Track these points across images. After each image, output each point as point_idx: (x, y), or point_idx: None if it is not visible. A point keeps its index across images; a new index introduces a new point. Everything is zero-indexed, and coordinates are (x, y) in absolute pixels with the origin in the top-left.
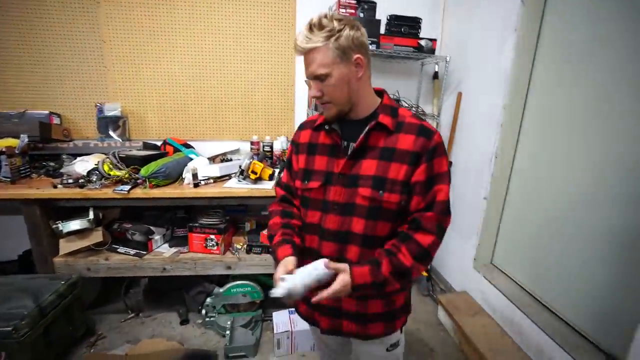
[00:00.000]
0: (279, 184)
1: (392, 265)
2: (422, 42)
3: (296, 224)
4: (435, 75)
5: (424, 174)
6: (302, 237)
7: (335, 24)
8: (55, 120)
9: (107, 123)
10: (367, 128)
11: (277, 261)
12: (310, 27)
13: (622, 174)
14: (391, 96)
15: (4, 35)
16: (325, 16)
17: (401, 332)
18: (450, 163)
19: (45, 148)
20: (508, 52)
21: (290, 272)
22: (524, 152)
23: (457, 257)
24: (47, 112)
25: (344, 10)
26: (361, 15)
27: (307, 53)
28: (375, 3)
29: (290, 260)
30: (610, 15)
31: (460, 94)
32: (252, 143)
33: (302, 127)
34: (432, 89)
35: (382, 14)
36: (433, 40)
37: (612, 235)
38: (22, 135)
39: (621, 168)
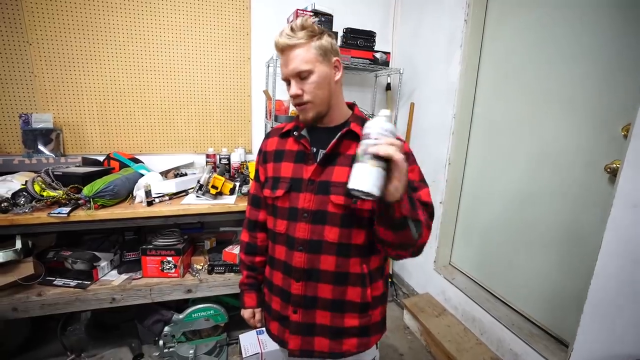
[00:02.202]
0: (248, 198)
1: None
2: (377, 55)
3: (260, 261)
4: (388, 87)
5: None
6: (267, 260)
7: (316, 27)
8: None
9: (35, 136)
10: (339, 134)
11: (242, 305)
12: (292, 28)
13: (553, 171)
14: None
15: None
16: (306, 20)
17: (376, 347)
18: None
19: None
20: (455, 65)
21: (255, 326)
22: (474, 157)
23: (418, 261)
24: None
25: None
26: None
27: (289, 49)
28: (332, 16)
29: (254, 313)
30: (538, 34)
31: (412, 104)
32: (207, 156)
33: (269, 135)
34: (385, 99)
35: (337, 27)
36: (387, 53)
37: (552, 228)
38: None
39: (552, 166)
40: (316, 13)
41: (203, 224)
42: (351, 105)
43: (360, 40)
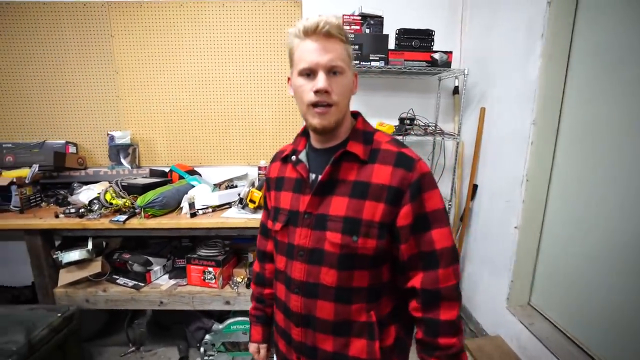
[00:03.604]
0: (260, 225)
1: None
2: (436, 56)
3: (269, 293)
4: (455, 90)
5: (410, 216)
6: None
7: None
8: (71, 149)
9: (118, 151)
10: (332, 158)
11: (249, 338)
12: (328, 21)
13: None
14: (405, 115)
15: (25, 69)
16: (340, 23)
17: None
18: (476, 186)
19: (59, 176)
20: (535, 61)
21: None
22: (562, 173)
23: (488, 295)
24: (63, 141)
25: (348, 27)
26: (367, 31)
27: (327, 38)
28: (382, 17)
29: (259, 348)
30: None
31: (483, 110)
32: (259, 168)
33: (273, 159)
34: (452, 105)
35: (391, 29)
36: (448, 53)
37: None
38: (33, 165)
39: None
40: (364, 17)
41: (254, 235)
42: (355, 115)
43: (415, 40)
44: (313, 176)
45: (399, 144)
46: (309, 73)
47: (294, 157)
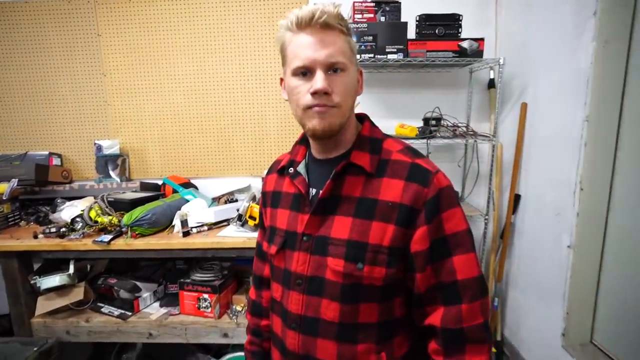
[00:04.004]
0: (256, 246)
1: None
2: (465, 44)
3: (266, 326)
4: (491, 84)
5: (427, 241)
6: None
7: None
8: (55, 161)
9: (106, 162)
10: (333, 172)
11: None
12: (326, 10)
13: None
14: (430, 114)
15: (4, 74)
16: (340, 10)
17: None
18: (518, 196)
19: (42, 192)
20: (586, 45)
21: None
22: (626, 180)
23: (538, 330)
24: (47, 152)
25: (360, 16)
26: (382, 19)
27: (324, 29)
28: (399, 3)
29: None
30: None
31: (524, 106)
32: (263, 179)
33: (269, 170)
34: (487, 101)
35: (410, 16)
36: (479, 40)
37: None
38: (12, 180)
39: None
40: (378, 3)
41: None
42: (361, 118)
43: (439, 27)
44: (313, 191)
45: (414, 154)
46: (305, 72)
47: (291, 169)
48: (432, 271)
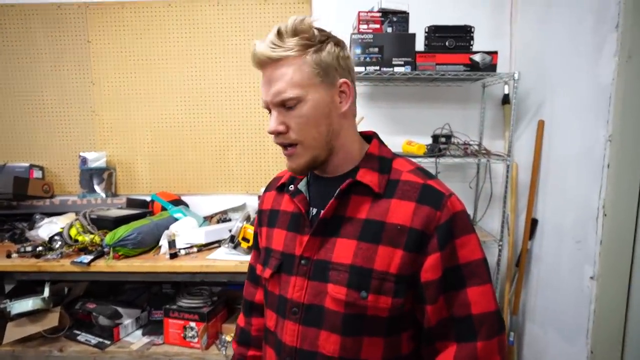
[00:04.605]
0: (248, 269)
1: None
2: (476, 58)
3: (253, 356)
4: (505, 99)
5: (439, 269)
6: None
7: (316, 32)
8: (36, 174)
9: (91, 176)
10: (337, 190)
11: None
12: (279, 32)
13: None
14: (438, 131)
15: None
16: (302, 21)
17: None
18: (535, 221)
19: (20, 206)
20: (608, 59)
21: None
22: None
23: None
24: (27, 164)
25: (365, 26)
26: (389, 30)
27: (271, 65)
28: (407, 13)
29: None
30: None
31: (542, 123)
32: (259, 197)
33: (268, 188)
34: (502, 118)
35: (418, 28)
36: (492, 54)
37: None
38: None
39: None
40: (385, 13)
41: None
42: (369, 137)
43: (449, 39)
44: (314, 211)
45: (425, 175)
46: (270, 110)
47: (291, 186)
48: (444, 303)
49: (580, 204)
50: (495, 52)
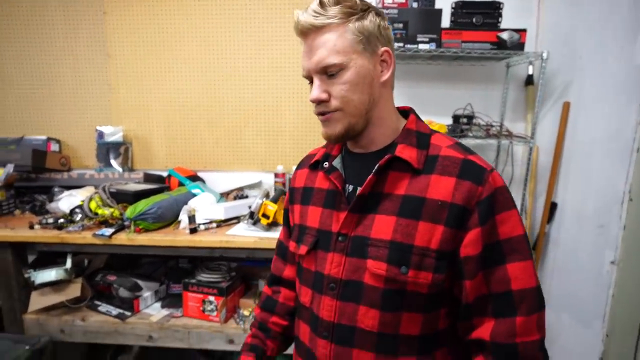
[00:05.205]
0: (277, 244)
1: None
2: (504, 35)
3: (276, 323)
4: (529, 80)
5: (480, 244)
6: (282, 337)
7: (358, 1)
8: (54, 147)
9: (107, 150)
10: (377, 165)
11: None
12: (321, 2)
13: None
14: (461, 111)
15: (2, 53)
16: None
17: None
18: (554, 205)
19: (38, 179)
20: None
21: None
22: None
23: (573, 350)
24: (45, 137)
25: (390, 1)
26: (414, 4)
27: (314, 32)
28: None
29: None
30: None
31: (567, 105)
32: (276, 175)
33: (300, 165)
34: (524, 99)
35: (445, 3)
36: (521, 32)
37: None
38: (7, 165)
39: None
40: None
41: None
42: (405, 112)
43: (476, 16)
44: (350, 188)
45: (465, 150)
46: (311, 80)
47: (326, 164)
48: (483, 279)
49: (604, 188)
50: (524, 30)
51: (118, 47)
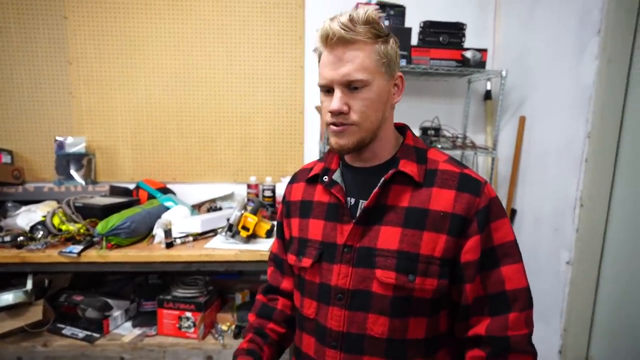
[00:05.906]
0: (270, 256)
1: None
2: (468, 54)
3: (274, 330)
4: (487, 95)
5: (478, 250)
6: (278, 346)
7: (383, 26)
8: (5, 159)
9: (68, 161)
10: (382, 180)
11: None
12: (352, 18)
13: None
14: (429, 124)
15: None
16: (372, 12)
17: None
18: (514, 211)
19: None
20: (589, 61)
21: None
22: (623, 197)
23: (536, 347)
24: None
25: None
26: (386, 23)
27: (343, 45)
28: (403, 7)
29: None
30: None
31: (523, 119)
32: (249, 186)
33: (294, 179)
34: (483, 113)
35: (412, 22)
36: (482, 51)
37: None
38: None
39: None
40: (383, 6)
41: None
42: (402, 129)
43: (443, 35)
44: (352, 201)
45: (459, 164)
46: (328, 89)
47: (326, 177)
48: (480, 282)
49: (558, 194)
50: (485, 50)
51: (80, 52)
